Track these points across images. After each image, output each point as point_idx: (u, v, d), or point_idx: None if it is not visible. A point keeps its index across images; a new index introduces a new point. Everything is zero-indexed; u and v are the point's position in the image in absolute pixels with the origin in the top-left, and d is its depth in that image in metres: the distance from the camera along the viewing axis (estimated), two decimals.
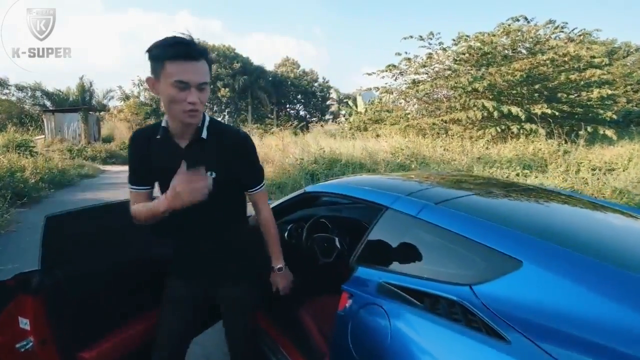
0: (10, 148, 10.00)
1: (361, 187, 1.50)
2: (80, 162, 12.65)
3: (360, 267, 1.21)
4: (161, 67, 0.99)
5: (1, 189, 5.86)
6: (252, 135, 11.57)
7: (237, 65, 32.15)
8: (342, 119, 19.46)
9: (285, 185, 6.57)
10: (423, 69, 10.90)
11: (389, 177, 1.87)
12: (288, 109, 39.28)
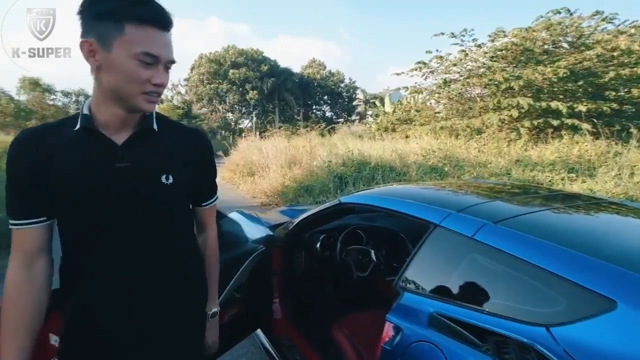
0: None
1: (404, 200, 1.37)
2: None
3: (407, 293, 1.09)
4: (118, 30, 0.69)
5: None
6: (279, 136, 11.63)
7: (265, 68, 32.63)
8: (369, 120, 19.18)
9: (313, 188, 6.49)
10: (455, 67, 10.49)
11: (431, 187, 1.72)
12: (314, 110, 39.38)
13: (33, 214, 0.76)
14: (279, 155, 9.31)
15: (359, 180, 6.31)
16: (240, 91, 32.80)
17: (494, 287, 0.97)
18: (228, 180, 10.57)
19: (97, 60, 0.71)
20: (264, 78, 32.41)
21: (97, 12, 0.70)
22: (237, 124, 36.28)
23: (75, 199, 0.75)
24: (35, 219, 0.76)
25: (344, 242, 1.91)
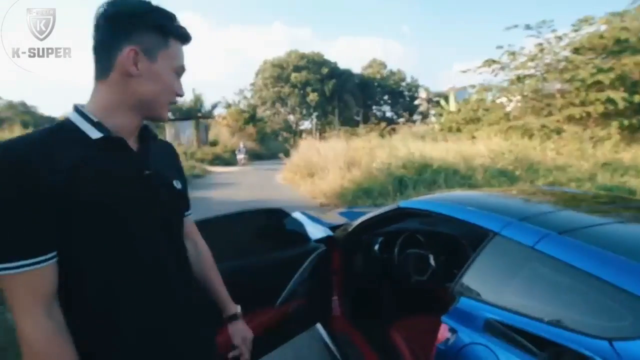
0: None
1: (464, 207, 1.39)
2: (192, 163, 14.56)
3: (463, 298, 1.12)
4: (164, 43, 0.72)
5: None
6: (338, 137, 11.76)
7: (325, 71, 33.28)
8: (432, 119, 18.44)
9: (371, 191, 6.51)
10: (531, 62, 9.64)
11: (495, 194, 1.69)
12: (374, 110, 38.97)
13: (41, 250, 0.61)
14: (338, 157, 9.45)
15: (419, 184, 6.17)
16: (301, 94, 33.86)
17: (554, 297, 0.96)
18: (289, 181, 10.98)
19: (139, 69, 0.70)
20: (324, 80, 33.07)
21: (148, 24, 0.70)
22: (297, 125, 37.42)
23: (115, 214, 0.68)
24: (43, 256, 0.61)
25: (402, 246, 1.95)
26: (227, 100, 31.89)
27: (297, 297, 1.67)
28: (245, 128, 25.05)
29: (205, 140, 20.99)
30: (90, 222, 0.65)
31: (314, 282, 1.75)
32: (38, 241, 0.61)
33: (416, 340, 1.65)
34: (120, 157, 0.71)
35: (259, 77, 35.72)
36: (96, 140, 0.67)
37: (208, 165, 16.34)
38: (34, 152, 0.61)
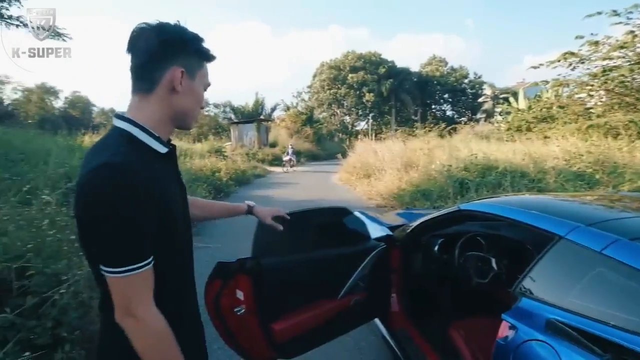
0: (210, 153, 13.17)
1: (527, 211, 1.40)
2: (254, 163, 15.46)
3: (525, 298, 1.16)
4: (199, 65, 0.85)
5: (208, 185, 7.79)
6: (394, 138, 11.55)
7: (382, 70, 32.85)
8: (499, 118, 17.19)
9: (430, 193, 6.37)
10: (618, 51, 8.57)
11: (563, 198, 1.65)
12: (433, 109, 37.48)
13: (151, 252, 0.74)
14: (395, 158, 9.36)
15: (482, 187, 5.90)
16: (357, 94, 33.85)
17: (621, 302, 0.96)
18: (345, 182, 11.14)
19: (182, 87, 0.80)
20: (381, 80, 32.67)
21: (191, 49, 0.82)
22: (353, 126, 37.45)
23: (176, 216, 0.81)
24: (151, 258, 0.74)
25: (462, 248, 1.97)
26: (285, 103, 33.16)
27: (357, 291, 1.77)
28: (303, 129, 25.80)
29: (265, 141, 22.06)
30: (166, 222, 0.78)
31: (373, 278, 1.84)
32: (149, 244, 0.73)
33: (476, 340, 1.68)
34: (171, 164, 0.87)
35: (316, 80, 36.45)
36: (162, 155, 0.81)
37: (268, 165, 17.18)
38: (141, 168, 0.72)
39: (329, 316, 1.68)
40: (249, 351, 1.57)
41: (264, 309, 1.47)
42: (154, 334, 0.73)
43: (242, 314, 1.44)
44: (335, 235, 1.81)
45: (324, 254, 1.69)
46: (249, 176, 12.08)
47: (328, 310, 1.67)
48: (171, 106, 0.81)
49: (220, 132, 24.49)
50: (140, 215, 0.70)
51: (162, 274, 0.78)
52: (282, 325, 1.52)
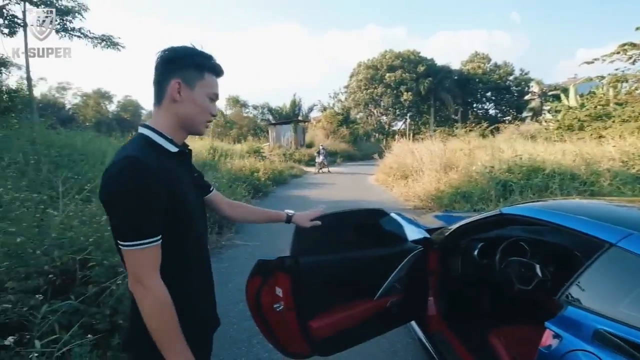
0: (249, 153, 13.60)
1: (575, 216, 1.34)
2: (290, 164, 15.73)
3: (571, 306, 1.12)
4: (200, 76, 0.95)
5: (247, 185, 8.07)
6: (433, 138, 11.21)
7: (421, 69, 32.00)
8: (548, 116, 16.08)
9: (470, 195, 6.14)
10: None
11: (617, 203, 1.56)
12: (475, 108, 35.92)
13: (160, 231, 0.86)
14: (434, 159, 9.12)
15: (527, 189, 5.58)
16: (394, 94, 33.24)
17: None
18: (382, 183, 11.02)
19: (181, 96, 0.93)
20: (419, 79, 31.86)
21: (188, 63, 0.94)
22: (390, 126, 36.85)
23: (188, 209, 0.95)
24: (159, 237, 0.86)
25: (504, 253, 1.91)
26: (322, 104, 33.36)
27: (394, 293, 1.78)
28: (339, 130, 25.84)
29: (302, 142, 22.37)
30: (176, 211, 0.89)
31: (410, 280, 1.84)
32: (158, 225, 0.86)
33: (516, 348, 1.63)
34: (184, 163, 1.00)
35: (352, 80, 36.30)
36: (174, 154, 0.95)
37: (304, 166, 17.40)
38: (155, 163, 0.86)
39: (365, 316, 1.70)
40: (287, 347, 1.62)
41: (302, 307, 1.51)
42: (157, 302, 0.84)
43: (280, 310, 1.50)
44: (371, 236, 1.83)
45: (360, 254, 1.71)
46: (286, 176, 12.31)
47: (364, 310, 1.69)
48: (176, 114, 0.95)
49: (258, 133, 25.20)
50: (148, 198, 0.83)
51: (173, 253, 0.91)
52: (319, 323, 1.56)
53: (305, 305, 1.52)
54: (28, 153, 4.71)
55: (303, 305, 1.52)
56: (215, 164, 9.95)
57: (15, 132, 5.75)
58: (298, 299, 1.50)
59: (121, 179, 0.82)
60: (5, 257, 2.09)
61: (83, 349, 1.71)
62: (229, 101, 29.69)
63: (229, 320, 2.77)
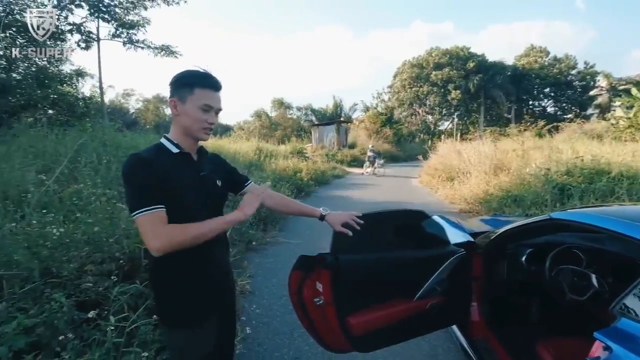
0: (293, 154, 13.93)
1: (632, 223, 1.26)
2: (333, 164, 15.85)
3: (625, 318, 1.07)
4: (190, 92, 1.14)
5: (290, 185, 8.31)
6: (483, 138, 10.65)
7: (470, 65, 30.50)
8: (618, 113, 14.50)
9: (523, 199, 5.77)
10: None
11: None
12: (530, 106, 33.48)
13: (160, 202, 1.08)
14: (483, 160, 8.70)
15: (588, 194, 5.14)
16: (441, 92, 32.05)
17: None
18: (426, 184, 10.73)
19: (178, 110, 1.16)
20: (469, 76, 30.40)
21: (180, 82, 1.16)
22: (436, 126, 35.60)
23: (184, 199, 1.13)
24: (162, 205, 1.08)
25: (554, 260, 1.83)
26: (365, 104, 33.14)
27: (434, 295, 1.78)
28: (382, 130, 25.51)
29: (344, 142, 22.43)
30: (170, 200, 1.10)
31: (452, 283, 1.82)
32: (159, 198, 1.07)
33: (563, 357, 1.56)
34: (187, 163, 1.20)
35: (397, 79, 35.60)
36: (175, 154, 1.17)
37: (347, 166, 17.43)
38: (152, 158, 1.11)
39: (404, 317, 1.71)
40: (326, 340, 1.69)
41: (341, 302, 1.56)
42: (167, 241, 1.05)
43: (321, 305, 1.57)
44: (411, 237, 1.84)
45: (400, 255, 1.73)
46: (328, 177, 12.42)
47: (403, 310, 1.70)
48: (179, 125, 1.18)
49: (302, 134, 25.69)
50: (144, 183, 1.07)
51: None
52: (358, 319, 1.61)
53: (344, 301, 1.57)
54: (100, 154, 5.28)
55: (342, 301, 1.56)
56: (261, 164, 10.33)
57: (89, 135, 6.46)
58: (337, 294, 1.55)
59: (124, 168, 1.10)
60: (85, 244, 2.40)
61: (147, 328, 1.93)
62: (274, 103, 30.57)
63: (272, 313, 2.92)
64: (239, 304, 3.01)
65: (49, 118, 8.23)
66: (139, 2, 9.83)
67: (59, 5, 8.98)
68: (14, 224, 2.45)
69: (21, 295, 1.86)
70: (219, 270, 1.30)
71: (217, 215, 1.25)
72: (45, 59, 8.51)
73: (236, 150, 11.68)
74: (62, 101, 8.79)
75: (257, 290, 3.35)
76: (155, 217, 1.06)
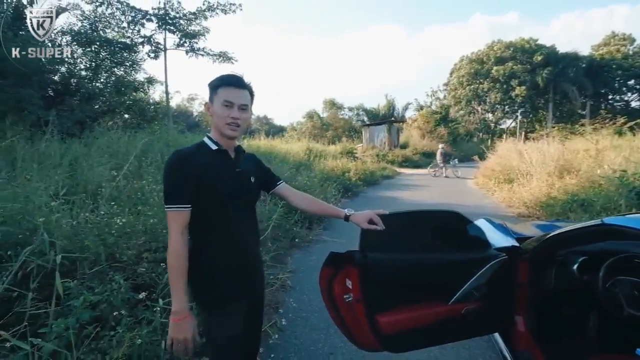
0: (342, 154, 13.99)
1: None
2: (383, 165, 15.61)
3: None
4: (215, 92, 1.27)
5: (338, 184, 8.37)
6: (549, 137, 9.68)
7: (538, 58, 27.96)
8: None
9: (591, 203, 5.16)
10: None
11: None
12: (610, 101, 29.75)
13: (190, 201, 1.21)
14: (548, 161, 7.96)
15: None
16: (503, 88, 29.81)
17: None
18: (481, 186, 10.13)
19: (210, 112, 1.30)
20: (535, 70, 27.89)
21: (210, 87, 1.30)
22: (497, 124, 33.25)
23: (220, 191, 1.25)
24: (189, 205, 1.21)
25: (611, 270, 1.64)
26: (419, 102, 32.10)
27: (471, 300, 1.71)
28: (437, 130, 24.48)
29: (396, 142, 21.95)
30: (208, 191, 1.22)
31: (492, 289, 1.73)
32: (189, 197, 1.20)
33: None
34: (224, 160, 1.31)
35: (453, 76, 33.89)
36: (214, 150, 1.29)
37: (398, 167, 17.05)
38: (192, 155, 1.24)
39: (436, 320, 1.66)
40: (356, 337, 1.70)
41: (370, 300, 1.57)
42: (174, 251, 1.18)
43: (350, 302, 1.59)
44: (447, 239, 1.78)
45: (433, 256, 1.69)
46: (378, 177, 12.27)
47: (437, 313, 1.66)
48: (213, 125, 1.32)
49: (353, 134, 25.67)
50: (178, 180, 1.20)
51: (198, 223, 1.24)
52: (387, 318, 1.60)
53: (374, 299, 1.57)
54: (164, 153, 5.81)
55: (371, 299, 1.57)
56: (310, 164, 10.53)
57: (156, 136, 7.16)
58: (366, 292, 1.56)
59: (165, 164, 1.23)
60: (143, 233, 2.69)
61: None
62: (326, 104, 30.89)
63: (311, 309, 3.00)
64: (278, 297, 3.15)
65: (124, 122, 9.23)
66: (200, 13, 10.60)
67: (133, 21, 10.05)
68: (87, 214, 2.81)
69: (89, 276, 2.14)
70: (250, 260, 1.40)
71: (249, 208, 1.41)
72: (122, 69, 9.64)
73: (287, 150, 12.03)
74: (135, 106, 9.82)
75: (298, 285, 3.46)
76: (179, 216, 1.19)
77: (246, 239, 1.37)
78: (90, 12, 9.47)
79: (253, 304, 1.45)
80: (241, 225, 1.34)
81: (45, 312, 1.77)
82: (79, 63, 8.84)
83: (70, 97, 7.66)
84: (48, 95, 7.33)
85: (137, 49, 10.30)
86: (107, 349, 1.68)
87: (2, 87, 5.21)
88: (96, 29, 9.39)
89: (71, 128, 6.48)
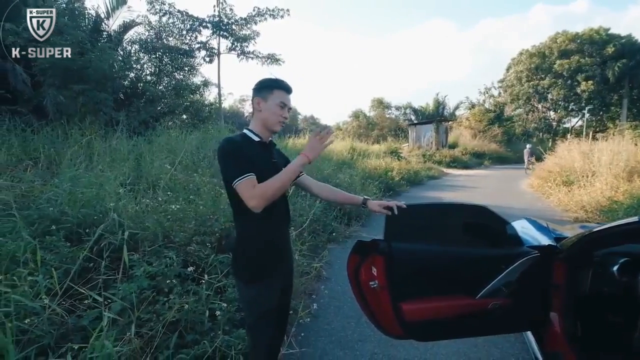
0: (386, 154, 13.85)
1: None
2: (429, 165, 15.16)
3: None
4: (271, 92, 1.44)
5: (379, 183, 8.36)
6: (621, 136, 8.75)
7: (609, 50, 25.16)
8: None
9: None
10: None
11: None
12: None
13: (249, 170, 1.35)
14: (616, 162, 7.24)
15: None
16: (568, 84, 27.25)
17: None
18: (537, 189, 9.46)
19: (260, 107, 1.45)
20: (606, 62, 25.13)
21: (262, 85, 1.47)
22: (560, 123, 30.52)
23: (261, 176, 1.36)
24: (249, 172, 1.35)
25: None
26: (470, 101, 30.55)
27: (499, 296, 1.71)
28: (490, 129, 23.16)
29: (444, 142, 21.14)
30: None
31: (522, 287, 1.71)
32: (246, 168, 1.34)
33: None
34: (264, 150, 1.48)
35: (510, 72, 31.68)
36: (256, 142, 1.46)
37: (445, 167, 16.45)
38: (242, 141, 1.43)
39: (462, 312, 1.68)
40: (381, 323, 1.77)
41: (395, 287, 1.63)
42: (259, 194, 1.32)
43: (375, 288, 1.68)
44: (473, 233, 1.79)
45: (461, 250, 1.71)
46: (422, 177, 11.97)
47: (462, 306, 1.68)
48: (259, 119, 1.47)
49: (399, 134, 25.17)
50: (239, 156, 1.36)
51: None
52: (411, 306, 1.64)
53: (398, 287, 1.63)
54: (215, 150, 6.28)
55: (395, 286, 1.63)
56: (352, 163, 10.60)
57: (209, 135, 7.74)
58: (391, 279, 1.63)
59: (221, 148, 1.39)
60: (193, 219, 3.02)
61: (233, 290, 2.35)
62: (373, 103, 30.61)
63: (344, 298, 3.12)
64: (313, 285, 3.31)
65: (182, 122, 10.05)
66: (250, 19, 11.17)
67: (191, 29, 10.90)
68: (148, 200, 3.21)
69: (149, 252, 2.48)
70: (281, 238, 1.56)
71: (283, 195, 1.53)
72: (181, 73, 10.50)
73: (330, 149, 12.20)
74: (192, 107, 10.64)
75: (333, 276, 3.60)
76: (249, 182, 1.32)
77: (281, 223, 1.54)
78: (156, 23, 10.43)
79: (284, 287, 1.59)
80: (278, 211, 1.49)
81: (114, 279, 2.10)
82: (145, 69, 9.80)
83: (137, 100, 8.53)
84: (119, 98, 8.25)
85: (194, 54, 11.13)
86: (161, 311, 1.95)
87: (84, 91, 5.99)
88: (160, 37, 10.33)
89: (137, 127, 7.24)
